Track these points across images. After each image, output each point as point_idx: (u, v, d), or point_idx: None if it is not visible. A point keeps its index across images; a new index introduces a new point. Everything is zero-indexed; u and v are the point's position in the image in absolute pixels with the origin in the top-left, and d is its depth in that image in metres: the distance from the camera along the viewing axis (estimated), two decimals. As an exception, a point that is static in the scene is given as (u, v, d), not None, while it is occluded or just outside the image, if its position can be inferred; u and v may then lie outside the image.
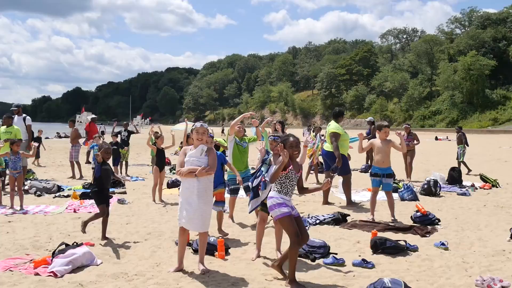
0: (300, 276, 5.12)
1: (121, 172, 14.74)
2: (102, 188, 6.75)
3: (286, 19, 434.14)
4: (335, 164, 9.39)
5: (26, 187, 10.94)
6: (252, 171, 6.92)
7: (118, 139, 14.82)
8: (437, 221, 7.81)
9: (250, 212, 6.05)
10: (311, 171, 15.14)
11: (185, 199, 5.22)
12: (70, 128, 14.72)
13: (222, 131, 40.08)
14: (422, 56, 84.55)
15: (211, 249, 5.95)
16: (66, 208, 8.96)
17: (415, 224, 7.62)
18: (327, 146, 9.77)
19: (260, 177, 5.73)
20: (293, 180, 5.08)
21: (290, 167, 5.03)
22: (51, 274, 5.08)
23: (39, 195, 10.42)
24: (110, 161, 7.42)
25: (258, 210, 5.99)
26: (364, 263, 5.53)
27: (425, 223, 7.70)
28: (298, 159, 5.23)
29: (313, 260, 5.75)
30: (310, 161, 14.25)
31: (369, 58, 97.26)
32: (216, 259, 5.80)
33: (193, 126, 5.43)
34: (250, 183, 5.99)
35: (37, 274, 5.11)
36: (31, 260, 5.51)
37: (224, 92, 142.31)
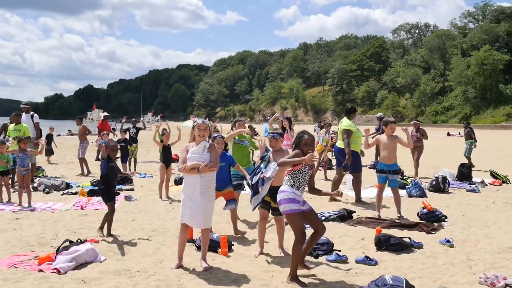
0: (302, 273, 5.10)
1: (129, 169, 14.81)
2: (109, 186, 6.75)
3: (297, 15, 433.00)
4: (344, 163, 9.30)
5: (35, 185, 11.05)
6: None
7: (127, 136, 14.89)
8: (443, 218, 7.75)
9: (253, 210, 5.99)
10: (320, 167, 15.09)
11: (187, 196, 5.23)
12: (78, 126, 14.79)
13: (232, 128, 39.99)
14: (434, 51, 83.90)
15: (214, 246, 5.96)
16: (74, 205, 9.03)
17: (421, 221, 7.55)
18: (340, 143, 9.63)
19: (259, 174, 5.69)
20: (305, 176, 5.06)
21: (304, 163, 5.01)
22: (55, 270, 5.11)
23: (47, 192, 10.51)
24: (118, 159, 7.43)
25: (259, 207, 5.96)
26: (367, 260, 5.49)
27: (431, 220, 7.63)
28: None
29: (316, 257, 5.72)
30: (320, 158, 14.19)
31: (381, 54, 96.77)
32: (219, 256, 5.81)
33: (194, 122, 5.44)
34: (249, 180, 5.93)
35: (40, 270, 5.15)
36: (35, 257, 5.55)
37: (235, 89, 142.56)
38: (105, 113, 18.41)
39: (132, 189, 11.12)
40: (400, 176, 11.88)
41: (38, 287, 4.68)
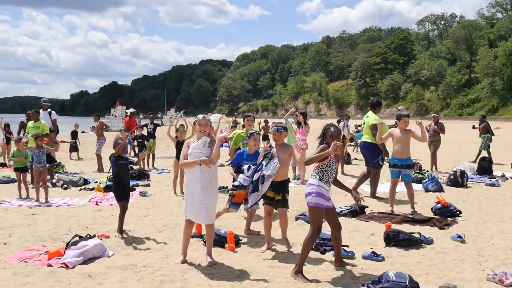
0: (307, 268, 5.09)
1: (148, 165, 14.97)
2: (121, 184, 6.69)
3: (320, 8, 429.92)
4: (381, 155, 9.10)
5: (53, 181, 11.27)
6: None
7: (144, 132, 15.02)
8: (458, 212, 7.60)
9: (250, 207, 5.92)
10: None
11: (189, 192, 5.27)
12: (95, 122, 14.97)
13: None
14: (460, 43, 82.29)
15: (221, 241, 5.99)
16: (89, 201, 9.16)
17: (434, 216, 7.43)
18: (366, 138, 9.38)
19: (260, 171, 5.65)
20: (333, 169, 5.06)
21: (331, 156, 4.99)
22: (63, 265, 5.20)
23: (65, 188, 10.69)
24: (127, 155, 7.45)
25: (263, 203, 5.92)
26: (374, 256, 5.43)
27: (445, 215, 7.50)
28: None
29: (323, 253, 5.70)
30: (343, 151, 14.06)
31: (405, 46, 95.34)
32: (225, 251, 5.83)
33: (195, 119, 5.45)
34: (251, 176, 5.88)
35: (49, 265, 5.25)
36: (46, 252, 5.65)
37: (257, 84, 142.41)
38: (132, 109, 18.58)
39: (148, 185, 11.22)
40: (418, 170, 11.78)
41: (46, 281, 4.77)
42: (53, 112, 12.73)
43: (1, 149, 15.81)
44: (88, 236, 5.91)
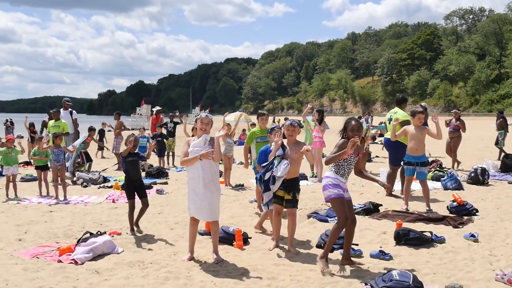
0: (312, 266, 5.08)
1: (168, 163, 15.12)
2: (130, 181, 6.73)
3: (346, 4, 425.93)
4: (399, 155, 8.79)
5: (74, 179, 11.50)
6: None
7: (164, 131, 15.15)
8: (474, 211, 7.43)
9: (264, 206, 5.86)
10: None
11: (191, 189, 5.30)
12: (115, 121, 15.16)
13: (274, 121, 39.95)
14: (490, 37, 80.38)
15: (229, 239, 6.01)
16: (106, 199, 9.31)
17: (449, 215, 7.28)
18: (390, 134, 9.06)
19: (271, 170, 5.58)
20: (351, 164, 5.08)
21: (351, 152, 4.96)
22: (72, 261, 5.30)
23: (85, 186, 10.90)
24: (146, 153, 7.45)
25: (275, 203, 5.78)
26: (382, 255, 5.36)
27: (461, 213, 7.35)
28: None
29: (331, 251, 5.63)
30: (364, 147, 13.90)
31: (432, 41, 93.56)
32: (233, 249, 5.84)
33: (197, 116, 5.47)
34: (262, 175, 5.76)
35: (60, 261, 5.36)
36: (57, 248, 5.76)
37: (282, 81, 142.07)
38: (158, 107, 18.79)
39: (165, 183, 11.34)
40: (438, 168, 11.57)
41: (54, 276, 4.87)
42: (74, 111, 12.96)
43: (26, 148, 16.19)
44: (99, 233, 6.00)
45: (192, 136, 10.64)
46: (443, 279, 4.65)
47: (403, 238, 5.85)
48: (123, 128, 15.19)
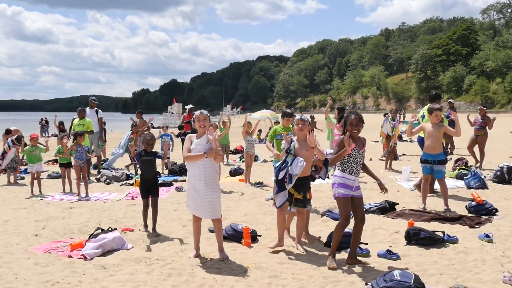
0: (317, 266, 5.03)
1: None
2: (144, 180, 6.73)
3: (380, 0, 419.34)
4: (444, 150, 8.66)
5: (98, 176, 11.75)
6: None
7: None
8: (494, 211, 7.20)
9: (279, 207, 5.62)
10: (384, 156, 14.62)
11: (192, 186, 5.32)
12: (138, 119, 15.32)
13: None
14: (529, 31, 77.46)
15: (238, 237, 6.02)
16: (126, 195, 9.47)
17: (466, 214, 7.08)
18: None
19: (285, 169, 5.46)
20: (357, 158, 5.02)
21: (353, 146, 4.94)
22: (82, 257, 5.42)
23: (108, 183, 11.12)
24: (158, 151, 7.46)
25: None
26: (389, 254, 5.27)
27: (480, 213, 7.15)
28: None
29: (338, 250, 5.57)
30: (389, 146, 13.72)
31: (469, 36, 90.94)
32: (240, 246, 5.85)
33: (197, 112, 5.49)
34: (275, 175, 5.68)
35: (70, 256, 5.48)
36: (70, 244, 5.90)
37: (314, 79, 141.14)
38: (190, 105, 19.02)
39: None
40: (463, 167, 11.27)
41: (62, 271, 4.99)
42: (99, 110, 13.21)
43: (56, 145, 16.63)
44: (110, 229, 6.11)
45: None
46: (449, 280, 4.53)
47: (414, 237, 5.73)
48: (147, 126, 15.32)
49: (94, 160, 13.31)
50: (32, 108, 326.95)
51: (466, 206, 7.48)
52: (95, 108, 13.11)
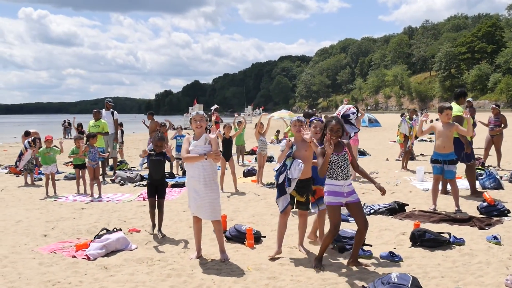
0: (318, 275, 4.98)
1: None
2: (151, 180, 6.74)
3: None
4: (464, 151, 8.42)
5: (113, 177, 11.89)
6: None
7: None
8: (506, 212, 7.03)
9: (282, 211, 5.44)
10: (400, 156, 14.42)
11: (191, 188, 5.33)
12: (149, 120, 15.40)
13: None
14: (556, 27, 75.55)
15: (241, 238, 6.01)
16: (138, 196, 9.56)
17: (476, 216, 6.93)
18: None
19: (284, 172, 5.36)
20: (338, 163, 4.94)
21: (331, 153, 4.88)
22: (85, 257, 5.48)
23: (122, 184, 11.24)
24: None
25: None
26: (391, 256, 5.19)
27: (491, 214, 6.99)
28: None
29: (341, 251, 5.53)
30: (407, 146, 13.54)
31: (494, 33, 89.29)
32: (243, 247, 5.84)
33: (192, 114, 5.49)
34: (275, 180, 5.58)
35: (74, 257, 5.55)
36: (75, 244, 5.98)
37: (337, 78, 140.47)
38: (216, 106, 19.14)
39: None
40: (480, 167, 11.04)
41: (65, 271, 5.06)
42: (115, 112, 13.37)
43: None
44: (115, 230, 6.17)
45: (223, 134, 10.79)
46: (450, 283, 4.44)
47: (419, 239, 5.63)
48: (158, 129, 15.40)
49: (111, 162, 13.48)
50: (57, 111, 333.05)
51: (477, 207, 7.32)
52: (111, 110, 13.29)
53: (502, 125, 12.17)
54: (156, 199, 6.69)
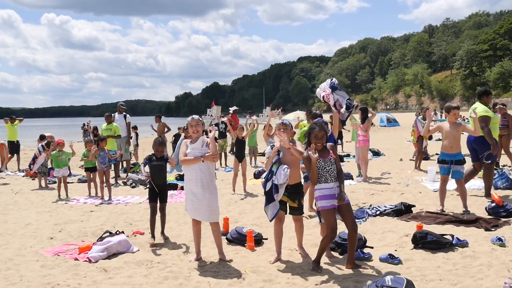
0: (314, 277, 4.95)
1: (220, 164, 15.37)
2: (152, 185, 6.65)
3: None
4: (488, 151, 8.28)
5: (125, 180, 12.01)
6: None
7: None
8: (515, 212, 6.87)
9: (271, 220, 5.32)
10: (414, 156, 14.24)
11: (189, 190, 5.36)
12: (157, 123, 15.48)
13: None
14: None
15: (242, 240, 6.01)
16: (147, 199, 9.59)
17: (483, 217, 6.80)
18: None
19: (271, 179, 5.23)
20: (325, 168, 4.92)
21: (316, 157, 4.87)
22: (87, 259, 5.55)
23: (133, 187, 11.35)
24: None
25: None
26: (390, 259, 5.12)
27: (500, 215, 6.85)
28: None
29: (341, 254, 5.49)
30: (423, 146, 13.39)
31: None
32: (244, 250, 5.84)
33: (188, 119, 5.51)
34: (262, 187, 5.40)
35: (76, 259, 5.63)
36: (79, 247, 6.05)
37: (356, 78, 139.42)
38: (235, 107, 19.28)
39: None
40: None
41: (65, 273, 5.14)
42: (127, 115, 13.52)
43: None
44: (117, 232, 6.23)
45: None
46: (447, 286, 4.37)
47: (420, 241, 5.54)
48: (166, 131, 15.51)
49: (125, 164, 13.62)
50: (80, 114, 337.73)
51: (485, 208, 7.19)
52: (124, 113, 13.44)
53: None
54: (158, 203, 6.64)
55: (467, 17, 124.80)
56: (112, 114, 13.12)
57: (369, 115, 11.48)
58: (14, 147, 16.13)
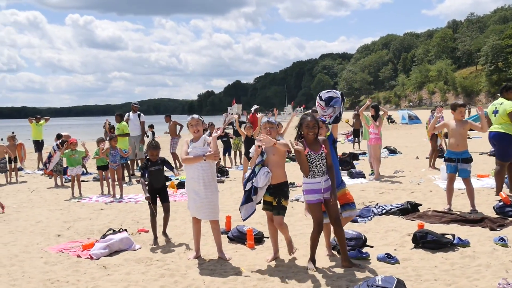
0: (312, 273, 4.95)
1: (235, 162, 15.44)
2: (152, 190, 6.58)
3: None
4: (506, 149, 8.11)
5: (137, 178, 12.15)
6: None
7: (230, 131, 15.47)
8: (524, 212, 6.73)
9: (244, 220, 5.31)
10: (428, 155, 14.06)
11: (191, 189, 5.41)
12: (168, 123, 15.50)
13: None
14: None
15: (243, 238, 6.04)
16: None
17: (489, 216, 6.68)
18: (499, 128, 8.17)
19: (251, 180, 5.15)
20: (315, 162, 4.88)
21: (307, 151, 4.85)
22: (89, 256, 5.66)
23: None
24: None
25: (262, 208, 5.38)
26: (387, 258, 5.08)
27: (507, 214, 6.72)
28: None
29: (339, 252, 5.45)
30: (438, 144, 13.21)
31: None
32: (243, 248, 5.87)
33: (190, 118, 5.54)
34: (243, 186, 5.35)
35: (79, 256, 5.74)
36: (82, 244, 6.17)
37: (379, 75, 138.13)
38: (256, 106, 19.35)
39: (222, 181, 11.56)
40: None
41: (66, 270, 5.24)
42: (141, 114, 13.68)
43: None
44: (120, 230, 6.33)
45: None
46: (441, 287, 4.31)
47: (420, 241, 5.48)
48: (179, 128, 15.44)
49: (140, 163, 13.80)
50: (104, 113, 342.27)
51: (493, 207, 7.06)
52: (138, 112, 13.61)
53: None
54: (161, 204, 6.65)
55: (492, 11, 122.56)
56: (127, 114, 13.33)
57: (381, 112, 11.37)
58: (38, 146, 16.57)
